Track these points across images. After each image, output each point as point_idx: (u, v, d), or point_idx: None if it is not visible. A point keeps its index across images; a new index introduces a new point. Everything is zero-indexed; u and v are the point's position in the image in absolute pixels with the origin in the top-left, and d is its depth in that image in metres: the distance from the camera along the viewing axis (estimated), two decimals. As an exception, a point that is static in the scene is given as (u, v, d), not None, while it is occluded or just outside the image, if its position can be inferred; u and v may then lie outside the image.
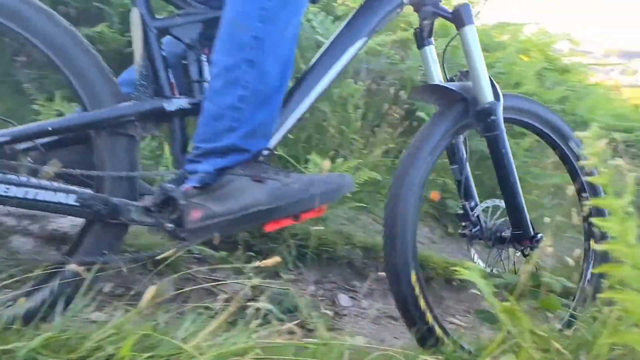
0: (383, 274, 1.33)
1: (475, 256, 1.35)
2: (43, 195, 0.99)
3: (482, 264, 1.32)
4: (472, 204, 1.36)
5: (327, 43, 1.20)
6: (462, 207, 1.36)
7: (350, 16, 1.21)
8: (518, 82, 2.17)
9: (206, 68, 1.11)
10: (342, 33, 1.18)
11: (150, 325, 0.87)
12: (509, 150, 1.29)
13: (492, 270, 1.29)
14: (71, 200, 1.00)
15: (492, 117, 1.25)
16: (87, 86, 1.03)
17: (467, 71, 1.29)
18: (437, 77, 1.32)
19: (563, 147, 1.41)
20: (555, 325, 1.08)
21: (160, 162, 1.70)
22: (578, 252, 1.28)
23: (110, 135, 1.04)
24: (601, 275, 1.29)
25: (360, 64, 2.43)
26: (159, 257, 1.03)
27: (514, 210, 1.31)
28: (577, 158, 1.39)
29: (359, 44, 1.18)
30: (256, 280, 1.30)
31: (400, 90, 2.39)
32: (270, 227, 1.05)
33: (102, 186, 1.04)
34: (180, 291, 1.33)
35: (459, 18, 1.25)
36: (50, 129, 1.02)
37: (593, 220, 0.49)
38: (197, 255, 1.61)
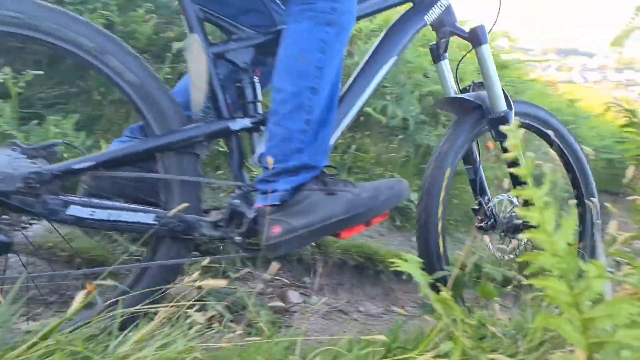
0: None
1: (490, 246, 1.49)
2: (125, 216, 1.05)
3: (497, 253, 1.48)
4: (486, 199, 1.50)
5: (362, 62, 1.30)
6: (477, 202, 1.49)
7: (381, 36, 1.33)
8: (460, 77, 2.23)
9: (258, 89, 1.20)
10: (376, 52, 1.30)
11: (82, 338, 0.83)
12: (521, 153, 1.39)
13: (503, 258, 1.45)
14: (150, 219, 1.06)
15: (506, 125, 1.36)
16: (154, 110, 1.08)
17: (480, 82, 1.45)
18: (452, 86, 1.47)
19: (561, 145, 1.58)
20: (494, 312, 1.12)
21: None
22: (515, 242, 1.35)
23: (178, 154, 1.10)
24: None
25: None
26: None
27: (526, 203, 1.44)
28: (572, 155, 1.60)
29: (391, 61, 1.30)
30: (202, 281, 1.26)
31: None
32: (345, 235, 1.15)
33: (171, 204, 1.09)
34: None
35: (476, 38, 1.41)
36: (131, 152, 1.08)
37: (518, 210, 0.50)
38: (140, 258, 1.54)
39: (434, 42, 1.44)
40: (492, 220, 1.48)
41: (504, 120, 1.41)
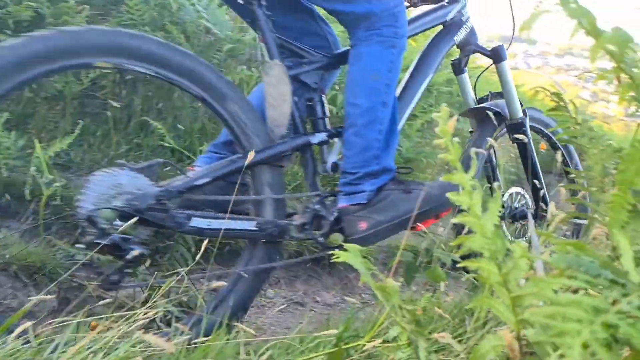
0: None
1: (507, 233, 1.69)
2: (233, 225, 1.17)
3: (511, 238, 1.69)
4: (501, 192, 1.70)
5: (404, 80, 1.47)
6: None
7: (419, 56, 1.51)
8: (407, 65, 2.28)
9: (326, 106, 1.36)
10: (416, 71, 1.48)
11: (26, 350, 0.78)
12: (534, 152, 1.70)
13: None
14: (252, 226, 1.20)
15: (523, 129, 1.64)
16: (244, 129, 1.20)
17: (497, 93, 1.68)
18: (471, 95, 1.69)
19: (558, 144, 1.83)
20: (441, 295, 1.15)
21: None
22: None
23: (267, 167, 1.23)
24: None
25: (255, 50, 2.38)
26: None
27: (539, 194, 1.71)
28: (568, 154, 1.87)
29: (428, 79, 1.49)
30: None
31: (296, 76, 2.38)
32: (420, 228, 1.30)
33: (262, 211, 1.23)
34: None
35: (497, 55, 1.65)
36: (237, 167, 1.19)
37: (450, 195, 0.51)
38: (83, 261, 1.47)
39: (457, 58, 1.65)
40: (507, 210, 1.69)
41: (521, 125, 1.64)
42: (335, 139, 1.37)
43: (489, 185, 1.76)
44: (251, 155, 1.17)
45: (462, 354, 0.74)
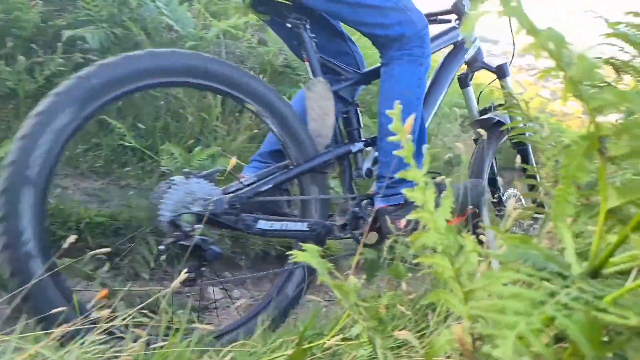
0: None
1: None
2: (289, 226, 1.31)
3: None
4: (501, 193, 1.90)
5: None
6: (497, 197, 1.87)
7: (434, 74, 1.67)
8: (372, 62, 2.31)
9: (361, 118, 1.52)
10: (432, 86, 1.63)
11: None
12: (532, 158, 1.88)
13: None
14: (304, 227, 1.34)
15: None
16: (294, 140, 1.32)
17: (499, 104, 1.83)
18: (475, 106, 1.84)
19: None
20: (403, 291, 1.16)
21: None
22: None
23: (313, 174, 1.36)
24: None
25: (219, 47, 2.35)
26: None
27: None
28: None
29: (443, 93, 1.66)
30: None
31: (261, 74, 2.36)
32: (453, 222, 1.37)
33: (308, 213, 1.36)
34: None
35: (501, 71, 1.84)
36: (292, 175, 1.34)
37: (404, 191, 0.52)
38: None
39: (463, 73, 1.81)
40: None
41: (522, 133, 1.79)
42: (370, 148, 1.51)
43: (492, 187, 1.93)
44: (302, 164, 1.32)
45: (421, 350, 0.75)
